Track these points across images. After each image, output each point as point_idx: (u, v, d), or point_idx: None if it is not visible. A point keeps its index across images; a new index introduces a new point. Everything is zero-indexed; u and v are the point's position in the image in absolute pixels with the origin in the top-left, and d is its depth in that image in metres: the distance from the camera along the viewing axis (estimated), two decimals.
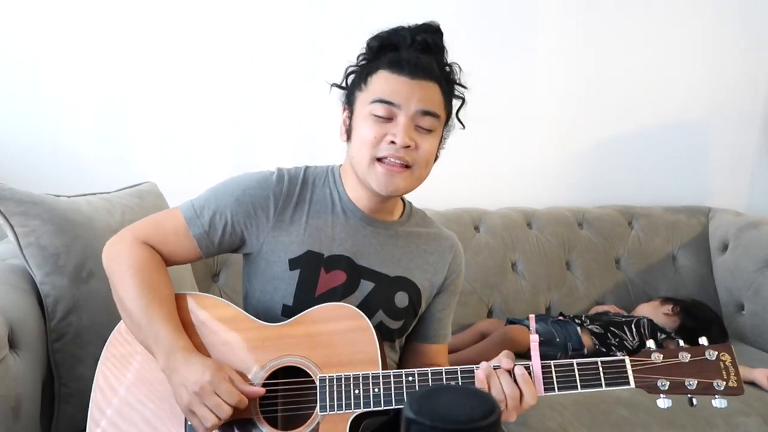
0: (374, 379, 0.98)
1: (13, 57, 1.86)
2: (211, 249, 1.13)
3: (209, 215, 1.10)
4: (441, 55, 1.10)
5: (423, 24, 1.09)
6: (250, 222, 1.11)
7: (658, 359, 0.96)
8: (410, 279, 1.16)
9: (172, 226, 1.11)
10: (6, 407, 1.05)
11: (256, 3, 1.99)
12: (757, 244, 2.00)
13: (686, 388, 0.94)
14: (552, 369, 0.97)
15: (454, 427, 0.49)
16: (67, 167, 1.91)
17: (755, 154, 2.43)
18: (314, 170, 1.19)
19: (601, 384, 0.96)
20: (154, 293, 1.04)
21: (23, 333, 1.15)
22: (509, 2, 2.17)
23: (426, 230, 1.22)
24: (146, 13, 1.92)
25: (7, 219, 1.21)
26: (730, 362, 0.95)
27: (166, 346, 1.00)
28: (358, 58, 1.12)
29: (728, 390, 0.94)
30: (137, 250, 1.08)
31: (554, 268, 2.06)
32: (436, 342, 1.24)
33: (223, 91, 2.01)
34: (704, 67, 2.32)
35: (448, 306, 1.25)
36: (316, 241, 1.12)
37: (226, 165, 2.01)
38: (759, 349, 1.92)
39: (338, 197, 1.15)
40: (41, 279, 1.23)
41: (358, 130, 1.07)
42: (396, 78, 1.04)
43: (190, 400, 0.95)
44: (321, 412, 0.98)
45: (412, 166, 1.06)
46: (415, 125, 1.05)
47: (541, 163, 2.28)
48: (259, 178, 1.14)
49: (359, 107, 1.08)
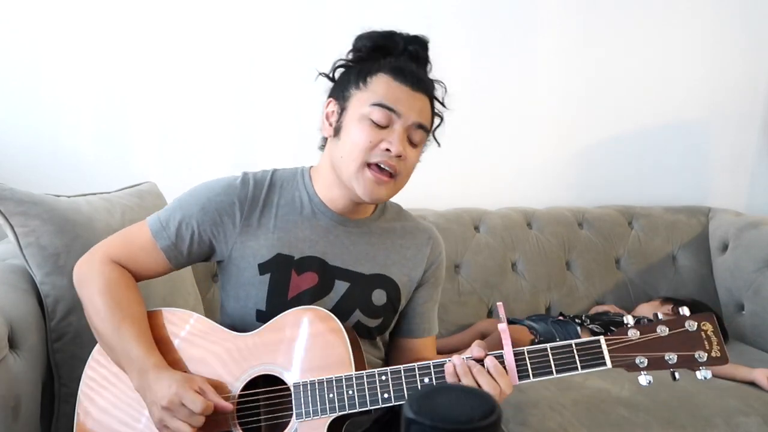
0: (347, 381, 0.97)
1: (13, 57, 1.86)
2: (181, 260, 1.12)
3: (175, 226, 1.10)
4: (427, 68, 1.13)
5: (414, 36, 1.11)
6: (216, 229, 1.10)
7: (635, 336, 0.92)
8: (387, 276, 1.15)
9: (140, 241, 1.11)
10: (6, 407, 1.05)
11: (256, 3, 1.99)
12: (757, 244, 2.00)
13: (666, 362, 0.91)
14: (525, 356, 0.94)
15: (454, 427, 0.49)
16: (67, 167, 1.91)
17: (755, 154, 2.42)
18: (282, 173, 1.17)
19: (576, 367, 0.93)
20: (124, 312, 1.04)
21: (23, 333, 1.15)
22: (509, 2, 2.17)
23: (401, 224, 1.21)
24: (146, 13, 1.92)
25: (7, 219, 1.21)
26: (712, 331, 0.91)
27: (137, 365, 0.99)
28: (348, 54, 1.12)
29: (711, 360, 0.90)
30: (106, 269, 1.08)
31: (554, 268, 2.06)
32: (420, 336, 1.22)
33: (223, 91, 2.01)
34: (704, 67, 2.32)
35: (431, 299, 1.23)
36: (286, 244, 1.10)
37: (226, 165, 2.01)
38: (759, 349, 1.92)
39: (308, 198, 1.14)
40: (41, 279, 1.23)
41: (349, 131, 1.06)
42: (398, 86, 1.04)
43: (161, 416, 0.95)
44: (297, 419, 0.98)
45: (396, 176, 1.06)
46: (407, 136, 1.05)
47: (541, 163, 2.28)
48: (223, 184, 1.13)
49: (355, 106, 1.06)
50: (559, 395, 1.51)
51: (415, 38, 1.10)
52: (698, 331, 0.91)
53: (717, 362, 0.90)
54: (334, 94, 1.11)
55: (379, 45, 1.08)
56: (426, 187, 2.21)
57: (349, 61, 1.11)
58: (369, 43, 1.09)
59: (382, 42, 1.09)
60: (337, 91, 1.11)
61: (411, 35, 1.10)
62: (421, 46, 1.10)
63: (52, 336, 1.23)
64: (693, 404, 1.49)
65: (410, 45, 1.09)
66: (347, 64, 1.12)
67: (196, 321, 1.09)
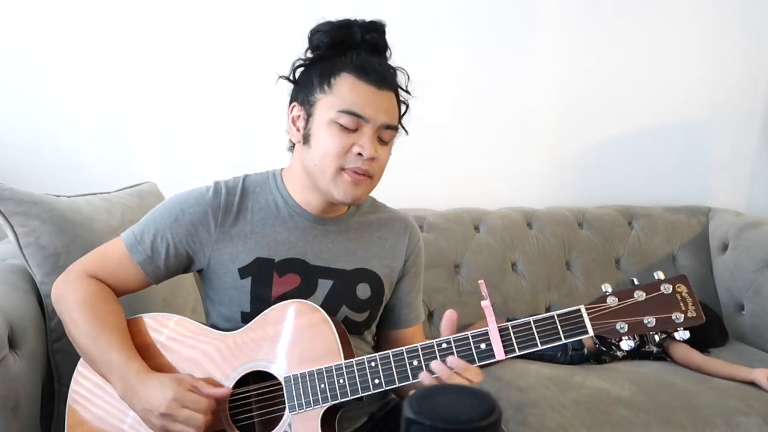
0: (338, 371, 0.98)
1: (13, 57, 1.86)
2: (159, 273, 1.11)
3: (150, 240, 1.09)
4: (387, 55, 1.10)
5: (371, 22, 1.08)
6: (192, 240, 1.10)
7: (614, 302, 0.94)
8: (369, 269, 1.15)
9: (116, 257, 1.10)
10: (6, 407, 1.05)
11: (256, 3, 1.99)
12: (757, 244, 2.00)
13: (645, 326, 0.93)
14: (510, 331, 0.95)
15: (454, 427, 0.49)
16: (67, 167, 1.91)
17: (755, 154, 2.42)
18: (254, 178, 1.17)
19: (560, 337, 0.94)
20: (102, 323, 1.04)
21: (23, 333, 1.15)
22: (509, 2, 2.17)
23: (377, 216, 1.21)
24: (146, 13, 1.92)
25: (7, 219, 1.21)
26: (687, 292, 0.93)
27: (119, 372, 1.00)
28: (306, 52, 1.09)
29: (688, 321, 0.92)
30: (83, 284, 1.08)
31: (554, 268, 2.06)
32: (409, 326, 1.23)
33: (223, 91, 2.01)
34: (704, 67, 2.32)
35: (414, 288, 1.23)
36: (264, 247, 1.10)
37: (226, 165, 2.01)
38: (759, 349, 1.92)
39: (282, 201, 1.13)
40: (41, 279, 1.23)
41: (319, 137, 1.05)
42: (363, 86, 1.03)
43: (163, 423, 0.95)
44: (290, 411, 0.99)
45: (372, 175, 1.06)
46: (378, 137, 1.05)
47: (541, 163, 2.28)
48: (195, 195, 1.12)
49: (321, 111, 1.05)
50: (559, 395, 1.51)
51: (372, 25, 1.07)
52: (673, 293, 0.94)
53: (693, 321, 0.93)
54: (298, 97, 1.10)
55: (336, 40, 1.06)
56: (426, 187, 2.23)
57: (308, 60, 1.09)
58: (326, 39, 1.06)
59: (340, 36, 1.06)
60: (300, 94, 1.09)
61: (367, 22, 1.07)
62: (378, 32, 1.08)
63: (52, 336, 1.23)
64: (693, 404, 1.49)
65: (368, 34, 1.06)
66: (306, 64, 1.09)
67: (180, 323, 1.09)
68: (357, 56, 1.05)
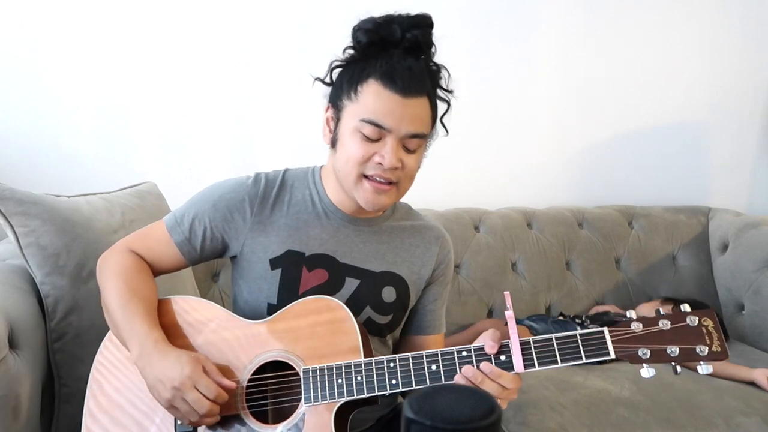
0: (356, 368, 0.99)
1: (13, 57, 1.86)
2: (194, 255, 1.15)
3: (189, 222, 1.13)
4: (429, 54, 1.07)
5: (415, 17, 1.04)
6: (228, 226, 1.13)
7: (638, 328, 0.94)
8: (397, 273, 1.16)
9: (157, 236, 1.15)
10: (6, 407, 1.05)
11: (256, 3, 1.99)
12: (757, 244, 2.00)
13: (668, 355, 0.92)
14: (531, 345, 0.95)
15: (454, 427, 0.49)
16: (67, 167, 1.91)
17: (755, 154, 2.43)
18: (294, 172, 1.19)
19: (581, 356, 0.94)
20: (133, 293, 1.07)
21: (23, 333, 1.15)
22: (509, 2, 2.17)
23: (411, 223, 1.22)
24: (146, 13, 1.92)
25: (7, 219, 1.21)
26: (713, 327, 0.93)
27: (139, 339, 1.01)
28: (344, 52, 1.07)
29: (712, 355, 0.91)
30: (123, 257, 1.13)
31: (554, 268, 2.06)
32: (431, 333, 1.24)
33: (223, 91, 2.01)
34: (704, 67, 2.32)
35: (440, 296, 1.24)
36: (296, 240, 1.12)
37: (226, 165, 2.01)
38: (759, 349, 1.92)
39: (318, 198, 1.16)
40: (41, 279, 1.23)
41: (344, 143, 1.05)
42: (388, 95, 1.00)
43: (172, 396, 0.96)
44: (306, 403, 0.99)
45: (397, 182, 1.06)
46: (402, 145, 1.04)
47: (541, 163, 2.28)
48: (234, 183, 1.16)
49: (347, 118, 1.05)
50: (559, 395, 1.51)
51: (414, 21, 1.03)
52: (699, 326, 0.93)
53: (717, 357, 0.91)
54: (332, 99, 1.09)
55: (373, 40, 1.03)
56: (426, 187, 2.21)
57: (344, 61, 1.08)
58: (364, 38, 1.04)
59: (378, 36, 1.03)
60: (333, 96, 1.09)
61: (411, 18, 1.03)
62: (422, 30, 1.03)
63: (52, 336, 1.23)
64: (693, 404, 1.49)
65: (409, 32, 1.02)
66: (342, 64, 1.08)
67: (207, 308, 1.11)
68: (387, 60, 1.02)
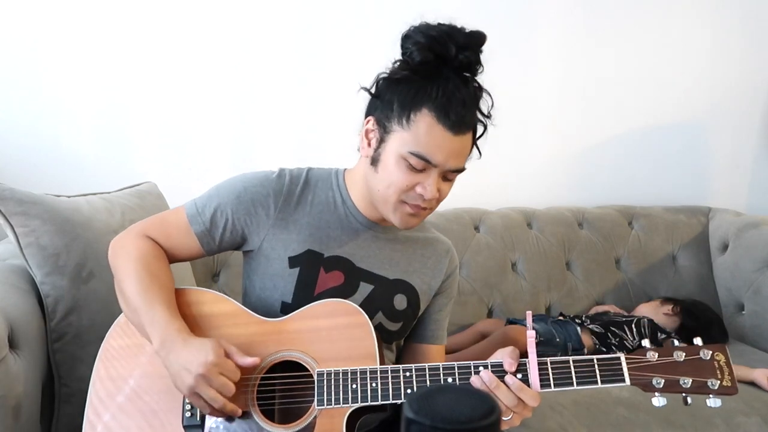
0: (372, 374, 0.99)
1: (13, 57, 1.86)
2: (213, 246, 1.14)
3: (210, 212, 1.12)
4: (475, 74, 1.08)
5: (471, 34, 1.05)
6: (250, 219, 1.12)
7: (653, 358, 0.96)
8: (409, 282, 1.17)
9: (176, 223, 1.13)
10: (6, 407, 1.05)
11: (256, 3, 1.99)
12: (757, 244, 2.00)
13: (681, 386, 0.95)
14: (548, 366, 0.96)
15: (454, 427, 0.49)
16: (67, 167, 1.91)
17: (755, 154, 2.43)
18: (317, 172, 1.19)
19: (597, 381, 0.95)
20: (153, 279, 1.06)
21: (23, 333, 1.15)
22: (509, 2, 2.17)
23: (423, 235, 1.23)
24: (146, 13, 1.92)
25: (7, 219, 1.21)
26: (725, 362, 0.96)
27: (161, 326, 1.01)
28: (394, 65, 1.05)
29: (722, 389, 0.94)
30: (141, 242, 1.11)
31: (554, 268, 2.06)
32: (433, 342, 1.24)
33: (223, 91, 2.01)
34: (704, 67, 2.32)
35: (445, 308, 1.25)
36: (317, 240, 1.12)
37: (226, 165, 2.01)
38: (759, 349, 1.92)
39: (341, 201, 1.15)
40: (41, 279, 1.23)
41: (387, 167, 1.04)
42: (441, 131, 1.00)
43: (196, 383, 0.95)
44: (318, 406, 0.99)
45: (431, 208, 1.08)
46: (443, 176, 1.06)
47: (541, 163, 2.28)
48: (260, 176, 1.15)
49: (395, 143, 1.03)
50: (559, 395, 1.51)
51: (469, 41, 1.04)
52: (711, 360, 0.96)
53: (727, 391, 0.95)
54: (376, 114, 1.06)
55: (428, 60, 1.02)
56: None
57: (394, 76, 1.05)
58: (418, 55, 1.02)
59: (432, 54, 1.02)
60: (379, 113, 1.06)
61: (466, 35, 1.04)
62: (473, 52, 1.05)
63: (52, 336, 1.23)
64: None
65: (462, 52, 1.02)
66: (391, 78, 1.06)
67: (223, 302, 1.10)
68: (443, 88, 1.01)
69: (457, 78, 1.04)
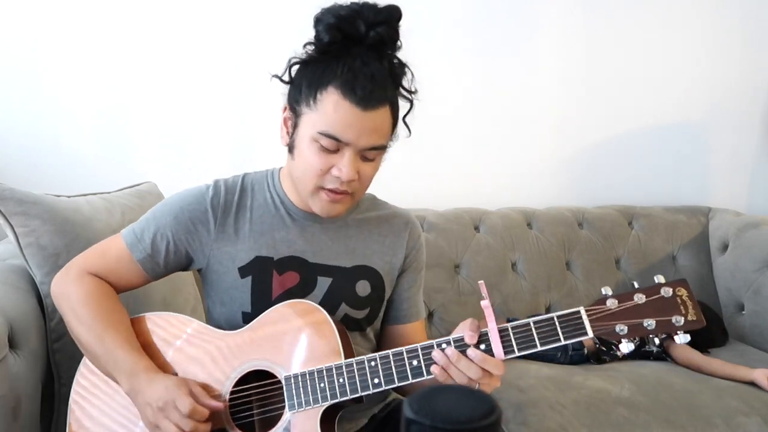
0: (338, 370, 0.98)
1: (13, 57, 1.86)
2: (158, 270, 1.12)
3: (150, 237, 1.09)
4: (394, 49, 1.02)
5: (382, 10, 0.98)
6: (191, 238, 1.10)
7: (613, 305, 0.94)
8: (369, 266, 1.15)
9: (116, 254, 1.10)
10: (6, 407, 1.05)
11: (256, 3, 1.99)
12: (757, 244, 2.00)
13: (645, 328, 0.93)
14: (510, 331, 0.94)
15: (454, 427, 0.49)
16: (67, 167, 1.91)
17: (755, 154, 2.42)
18: (253, 176, 1.17)
19: (559, 338, 0.93)
20: (107, 321, 1.04)
21: (23, 333, 1.15)
22: (509, 2, 2.17)
23: (377, 213, 1.20)
24: (146, 13, 1.92)
25: (7, 219, 1.21)
26: (687, 296, 0.93)
27: (126, 369, 1.00)
28: (305, 48, 1.02)
29: (688, 324, 0.92)
30: (85, 281, 1.08)
31: (554, 268, 2.06)
32: (408, 321, 1.22)
33: (223, 91, 2.01)
34: (704, 67, 2.32)
35: (415, 283, 1.22)
36: (263, 245, 1.10)
37: (226, 165, 2.01)
38: (759, 349, 1.92)
39: (279, 200, 1.13)
40: (41, 279, 1.23)
41: (302, 152, 1.02)
42: (348, 107, 0.96)
43: (155, 417, 0.96)
44: (290, 410, 0.99)
45: (353, 192, 1.05)
46: (361, 155, 1.01)
47: (541, 163, 2.28)
48: (195, 193, 1.12)
49: (305, 126, 1.01)
50: (559, 395, 1.51)
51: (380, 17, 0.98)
52: (674, 296, 0.93)
53: (694, 325, 0.92)
54: (290, 100, 1.06)
55: (336, 39, 0.98)
56: (426, 187, 2.22)
57: (303, 59, 1.03)
58: (326, 36, 0.98)
59: (340, 34, 0.98)
60: (291, 98, 1.05)
61: (378, 11, 0.98)
62: (388, 25, 0.98)
63: (52, 336, 1.23)
64: (693, 404, 1.49)
65: (373, 29, 0.97)
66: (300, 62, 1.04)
67: (182, 322, 1.09)
68: (349, 65, 0.97)
69: (367, 55, 0.98)
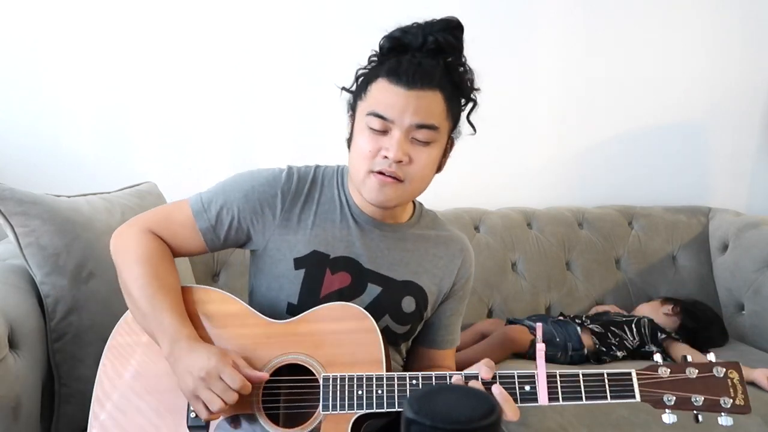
0: (378, 381, 0.98)
1: (13, 57, 1.86)
2: (216, 243, 1.13)
3: (216, 209, 1.11)
4: (455, 56, 1.05)
5: (440, 21, 1.04)
6: (256, 219, 1.11)
7: (665, 374, 0.94)
8: (418, 283, 1.15)
9: (180, 219, 1.12)
10: (6, 407, 1.05)
11: (256, 3, 1.99)
12: (757, 244, 2.00)
13: (692, 404, 0.93)
14: (557, 379, 0.94)
15: (454, 427, 0.49)
16: (67, 167, 1.91)
17: (755, 154, 2.42)
18: (324, 170, 1.18)
19: (606, 396, 0.94)
20: (161, 282, 1.04)
21: (23, 333, 1.15)
22: (509, 2, 2.17)
23: (436, 233, 1.20)
24: (146, 13, 1.92)
25: (7, 219, 1.21)
26: (738, 380, 0.94)
27: (170, 333, 1.00)
28: (369, 60, 1.07)
29: (735, 408, 0.93)
30: (145, 239, 1.09)
31: (554, 268, 2.06)
32: (443, 348, 1.23)
33: (223, 91, 2.01)
34: (704, 67, 2.32)
35: (457, 311, 1.23)
36: (323, 241, 1.11)
37: (226, 165, 2.01)
38: (759, 349, 1.92)
39: (345, 199, 1.15)
40: (41, 279, 1.23)
41: (356, 140, 1.06)
42: (392, 89, 1.00)
43: (196, 386, 0.95)
44: (323, 411, 0.98)
45: (404, 179, 1.04)
46: (411, 138, 1.02)
47: (541, 163, 2.28)
48: (268, 175, 1.14)
49: (358, 117, 1.06)
50: None
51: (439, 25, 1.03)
52: (725, 378, 0.94)
53: (740, 410, 0.93)
54: (349, 106, 1.10)
55: (395, 45, 1.03)
56: None
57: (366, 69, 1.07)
58: (387, 44, 1.04)
59: (399, 40, 1.03)
60: (352, 101, 1.10)
61: (435, 22, 1.03)
62: (447, 32, 1.03)
63: (52, 336, 1.23)
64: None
65: (430, 36, 1.01)
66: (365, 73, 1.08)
67: (230, 302, 1.09)
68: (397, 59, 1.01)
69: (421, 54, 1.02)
